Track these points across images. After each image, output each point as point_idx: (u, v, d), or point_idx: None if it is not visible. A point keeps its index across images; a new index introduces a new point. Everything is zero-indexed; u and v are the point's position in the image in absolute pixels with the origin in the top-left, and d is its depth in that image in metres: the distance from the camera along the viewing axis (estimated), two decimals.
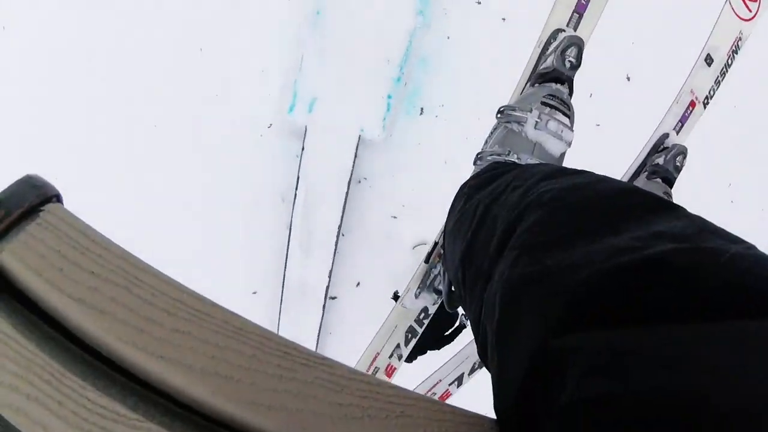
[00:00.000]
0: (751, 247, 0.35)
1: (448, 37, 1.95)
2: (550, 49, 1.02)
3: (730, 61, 1.26)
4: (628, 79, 2.04)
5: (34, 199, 0.35)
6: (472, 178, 0.86)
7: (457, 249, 0.68)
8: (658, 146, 1.23)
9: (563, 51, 0.99)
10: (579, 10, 1.04)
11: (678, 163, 1.19)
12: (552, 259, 0.40)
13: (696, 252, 0.33)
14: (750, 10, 1.24)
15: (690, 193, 1.24)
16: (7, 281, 0.33)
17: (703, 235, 0.37)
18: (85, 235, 0.33)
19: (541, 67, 1.02)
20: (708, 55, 1.23)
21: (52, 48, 1.88)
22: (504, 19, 1.96)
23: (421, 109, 1.98)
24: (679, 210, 0.42)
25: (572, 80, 1.01)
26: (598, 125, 1.92)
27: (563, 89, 0.99)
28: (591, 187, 0.49)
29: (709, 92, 1.27)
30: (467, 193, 0.76)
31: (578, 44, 1.00)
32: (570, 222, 0.45)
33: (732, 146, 2.09)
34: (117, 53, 1.90)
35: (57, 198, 0.37)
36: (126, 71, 1.90)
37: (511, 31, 1.93)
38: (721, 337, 0.27)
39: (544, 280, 0.39)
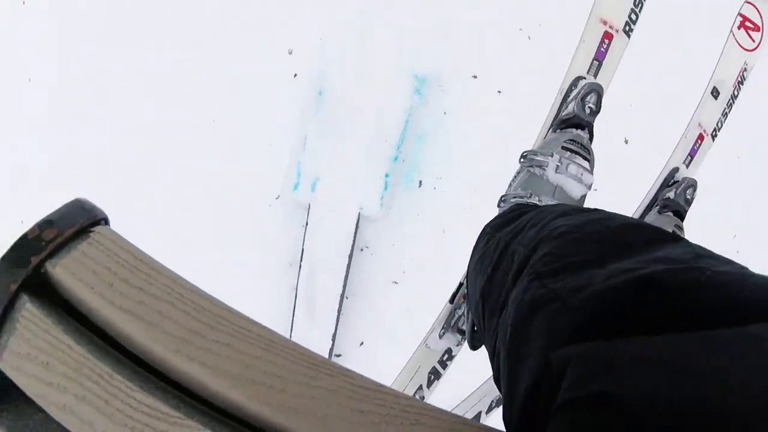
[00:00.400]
0: (742, 268, 0.38)
1: (445, 113, 2.04)
2: (572, 96, 1.06)
3: (736, 92, 1.28)
4: (626, 142, 2.09)
5: (84, 220, 0.38)
6: (494, 218, 0.89)
7: (478, 283, 0.71)
8: (669, 180, 1.25)
9: (583, 97, 1.03)
10: (599, 58, 1.08)
11: (688, 196, 1.20)
12: (558, 283, 0.44)
13: (682, 271, 0.36)
14: (753, 41, 1.26)
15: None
16: (59, 294, 0.36)
17: (698, 259, 0.40)
18: (133, 255, 0.37)
19: (563, 114, 1.06)
20: (714, 87, 1.24)
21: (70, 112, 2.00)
22: (500, 91, 2.04)
23: (420, 182, 2.05)
24: (681, 240, 0.45)
25: (592, 125, 1.04)
26: (596, 190, 1.96)
27: (584, 134, 1.03)
28: (601, 222, 0.53)
29: (717, 124, 1.28)
30: (489, 233, 0.80)
31: (598, 91, 1.03)
32: (578, 252, 0.48)
33: (735, 196, 2.11)
34: (135, 118, 2.00)
35: (105, 221, 0.40)
36: (144, 137, 2.00)
37: (506, 103, 2.02)
38: (703, 344, 0.30)
39: (550, 302, 0.43)
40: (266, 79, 2.03)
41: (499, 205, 1.03)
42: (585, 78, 1.08)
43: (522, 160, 1.03)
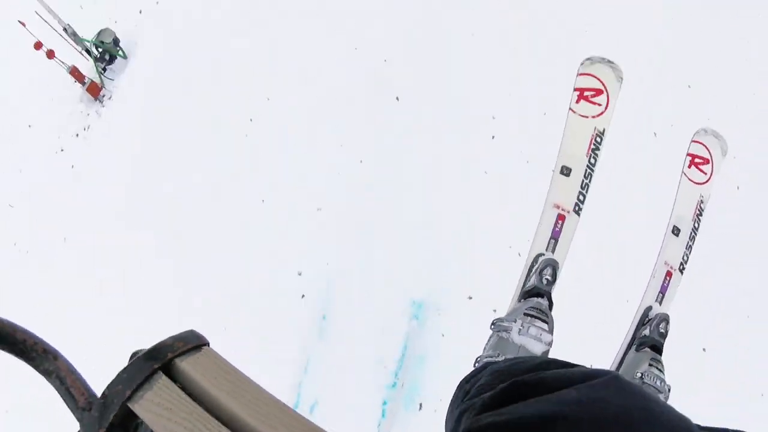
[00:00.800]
0: (581, 367, 0.62)
1: (443, 335, 2.19)
2: (533, 270, 1.28)
3: (696, 225, 1.35)
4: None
5: (198, 341, 0.65)
6: (468, 374, 1.08)
7: (450, 425, 0.90)
8: (644, 319, 1.36)
9: (541, 271, 1.25)
10: (555, 236, 1.27)
11: (662, 330, 1.31)
12: (478, 399, 0.69)
13: (536, 376, 0.61)
14: (705, 173, 1.33)
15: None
16: (179, 380, 0.60)
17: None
18: (228, 364, 0.62)
19: (526, 286, 1.28)
20: (674, 226, 1.33)
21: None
22: (495, 310, 2.18)
23: (420, 404, 2.14)
24: (576, 366, 0.68)
25: (550, 294, 1.25)
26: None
27: (543, 302, 1.24)
28: (523, 363, 0.77)
29: (683, 258, 1.35)
30: (461, 385, 1.00)
31: (553, 265, 1.26)
32: (499, 382, 0.72)
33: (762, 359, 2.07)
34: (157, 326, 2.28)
35: (208, 344, 0.66)
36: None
37: None
38: (524, 405, 0.54)
39: (469, 408, 0.68)
40: (277, 298, 2.28)
41: (474, 365, 1.23)
42: (544, 254, 1.29)
43: (492, 326, 1.25)
